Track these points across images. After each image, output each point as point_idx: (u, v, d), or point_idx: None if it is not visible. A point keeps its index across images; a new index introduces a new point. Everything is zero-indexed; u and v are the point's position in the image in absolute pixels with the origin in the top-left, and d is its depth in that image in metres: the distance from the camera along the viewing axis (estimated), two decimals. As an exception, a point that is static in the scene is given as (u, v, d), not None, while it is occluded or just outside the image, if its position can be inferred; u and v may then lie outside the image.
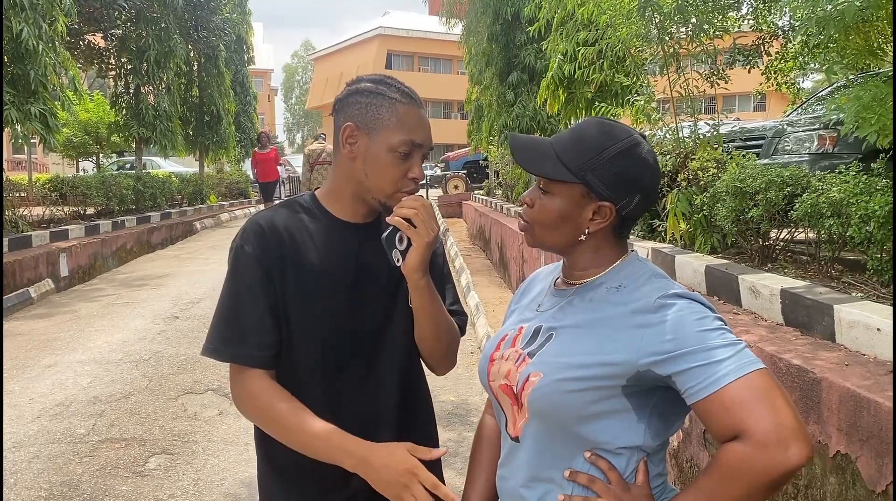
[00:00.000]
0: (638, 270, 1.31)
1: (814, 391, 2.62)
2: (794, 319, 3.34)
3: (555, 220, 1.30)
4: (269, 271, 1.43)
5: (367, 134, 1.45)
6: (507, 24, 13.47)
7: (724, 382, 1.10)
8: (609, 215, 1.28)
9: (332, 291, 1.46)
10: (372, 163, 1.45)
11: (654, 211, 6.17)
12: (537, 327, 1.35)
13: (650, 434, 1.24)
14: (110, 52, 15.28)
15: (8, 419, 4.68)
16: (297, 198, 1.56)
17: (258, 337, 1.42)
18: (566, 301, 1.34)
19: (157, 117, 14.82)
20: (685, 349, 1.14)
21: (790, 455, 1.06)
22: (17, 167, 27.42)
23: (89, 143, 19.71)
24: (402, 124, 1.44)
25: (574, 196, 1.28)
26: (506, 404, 1.35)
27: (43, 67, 9.23)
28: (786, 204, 4.16)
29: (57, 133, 10.04)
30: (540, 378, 1.24)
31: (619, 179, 1.27)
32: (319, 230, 1.49)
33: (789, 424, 1.07)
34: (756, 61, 7.92)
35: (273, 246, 1.44)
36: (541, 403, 1.25)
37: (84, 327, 7.25)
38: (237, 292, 1.44)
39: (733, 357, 1.12)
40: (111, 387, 5.27)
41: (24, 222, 10.02)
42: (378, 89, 1.46)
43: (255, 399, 1.42)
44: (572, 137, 1.31)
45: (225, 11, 18.11)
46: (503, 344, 1.40)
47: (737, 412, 1.09)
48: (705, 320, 1.17)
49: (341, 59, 51.45)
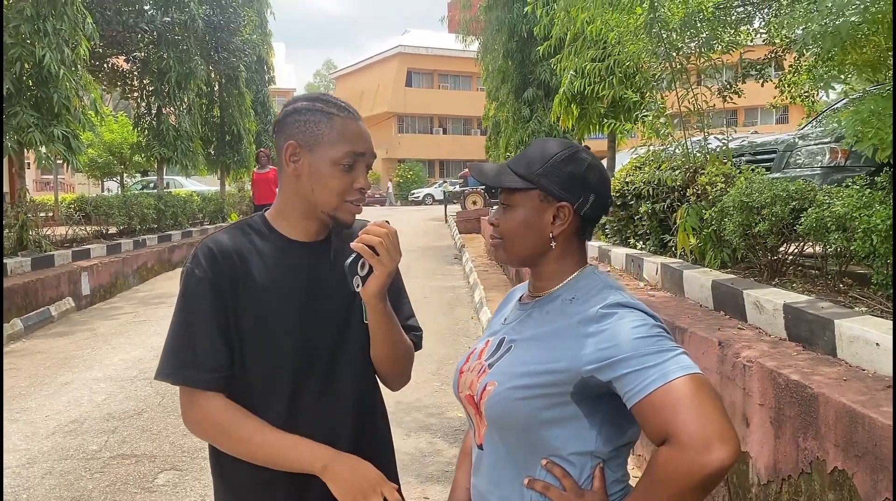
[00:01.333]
0: (591, 282, 1.37)
1: (811, 406, 2.60)
2: (796, 334, 3.32)
3: (520, 229, 1.37)
4: (220, 293, 1.45)
5: (308, 150, 1.47)
6: (522, 41, 13.57)
7: (655, 386, 1.14)
8: (568, 215, 1.35)
9: (286, 310, 1.48)
10: (317, 178, 1.47)
11: (665, 225, 6.16)
12: (500, 339, 1.42)
13: (601, 440, 1.28)
14: (133, 75, 15.59)
15: (23, 435, 4.77)
16: (248, 220, 1.58)
17: (211, 360, 1.43)
18: (526, 314, 1.42)
19: (178, 137, 15.07)
20: (622, 355, 1.18)
21: (713, 456, 1.08)
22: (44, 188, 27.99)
23: (113, 163, 20.09)
24: (342, 137, 1.47)
25: (533, 203, 1.36)
26: (472, 413, 1.42)
27: (65, 90, 9.46)
28: (792, 218, 4.14)
29: (80, 154, 10.27)
30: (495, 387, 1.32)
31: (570, 180, 1.35)
32: (270, 250, 1.51)
33: (713, 426, 1.10)
34: (769, 75, 7.89)
35: (224, 268, 1.46)
36: (495, 410, 1.31)
37: (101, 344, 7.36)
38: (189, 316, 1.46)
39: (666, 362, 1.16)
40: (125, 404, 5.35)
41: (48, 241, 10.22)
42: (315, 106, 1.49)
43: (215, 419, 1.44)
44: (522, 155, 1.41)
45: (245, 33, 18.39)
46: (472, 357, 1.47)
47: (665, 415, 1.13)
48: (642, 327, 1.21)
49: (362, 77, 51.96)
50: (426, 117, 50.08)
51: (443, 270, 12.56)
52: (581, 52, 7.68)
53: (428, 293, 10.05)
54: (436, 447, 4.50)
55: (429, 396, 5.46)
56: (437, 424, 4.86)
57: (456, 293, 10.12)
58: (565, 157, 1.36)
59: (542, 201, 1.36)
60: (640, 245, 6.72)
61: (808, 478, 2.63)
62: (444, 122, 50.53)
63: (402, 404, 5.21)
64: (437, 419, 4.96)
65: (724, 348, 3.37)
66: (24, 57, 9.06)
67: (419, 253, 14.83)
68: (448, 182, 38.45)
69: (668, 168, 6.03)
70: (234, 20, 17.55)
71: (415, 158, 47.95)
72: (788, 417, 2.76)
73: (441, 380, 5.85)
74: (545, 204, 1.36)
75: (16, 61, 8.99)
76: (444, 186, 37.28)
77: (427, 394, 5.50)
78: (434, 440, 4.59)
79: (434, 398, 5.41)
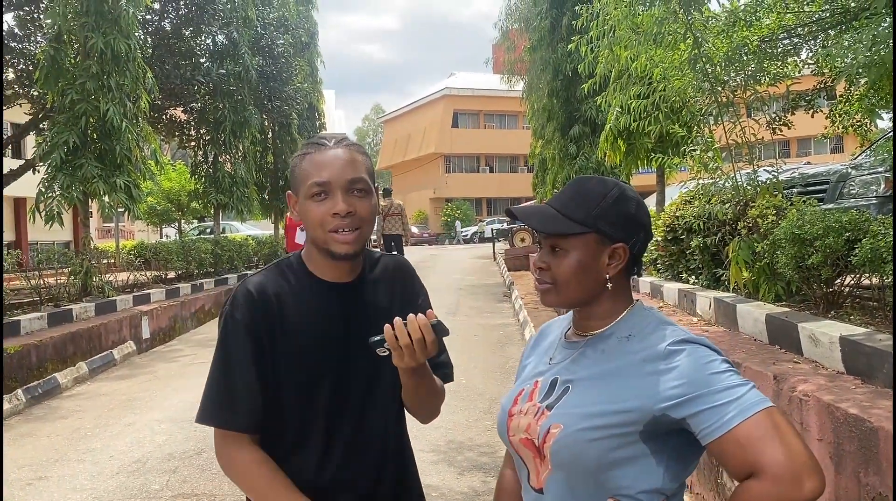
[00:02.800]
0: (645, 318, 1.38)
1: (871, 441, 2.55)
2: (854, 367, 3.26)
3: (577, 273, 1.36)
4: (257, 337, 1.49)
5: (297, 195, 1.54)
6: (566, 79, 13.68)
7: (736, 421, 1.16)
8: (624, 256, 1.37)
9: (321, 354, 1.52)
10: (304, 218, 1.53)
11: (717, 259, 6.10)
12: (553, 379, 1.41)
13: (669, 477, 1.29)
14: (190, 125, 16.21)
15: (90, 475, 4.92)
16: (285, 260, 1.62)
17: (248, 403, 1.47)
18: (578, 353, 1.40)
19: (233, 184, 15.55)
20: (697, 392, 1.20)
21: (805, 488, 1.11)
22: (106, 235, 29.00)
23: (172, 210, 20.79)
24: (307, 172, 1.51)
25: (589, 245, 1.36)
26: (527, 457, 1.40)
27: (127, 142, 9.90)
28: (846, 249, 4.08)
29: (140, 203, 10.69)
30: (561, 430, 1.30)
31: (625, 220, 1.37)
32: (305, 292, 1.55)
33: (801, 458, 1.13)
34: (818, 105, 7.80)
35: (262, 313, 1.49)
36: (563, 454, 1.30)
37: (162, 386, 7.57)
38: (227, 359, 1.49)
39: (742, 397, 1.18)
40: (185, 445, 5.48)
41: (111, 287, 10.59)
42: (300, 152, 1.57)
43: (240, 467, 1.48)
44: (570, 195, 1.41)
45: (297, 82, 18.97)
46: (520, 399, 1.45)
47: (750, 449, 1.15)
48: (713, 363, 1.23)
49: (410, 120, 52.84)
50: (472, 157, 50.53)
51: (492, 307, 12.56)
52: (626, 88, 7.73)
53: (478, 331, 10.06)
54: (489, 486, 4.49)
55: (480, 435, 5.46)
56: (489, 463, 4.85)
57: (506, 331, 10.11)
58: (617, 197, 1.37)
59: (598, 244, 1.36)
60: (692, 280, 6.65)
61: (871, 515, 2.57)
62: (491, 160, 50.87)
63: (454, 443, 5.22)
64: (490, 458, 4.94)
65: (780, 382, 3.32)
66: (89, 112, 9.55)
67: (468, 291, 14.86)
68: (496, 220, 38.52)
69: (718, 201, 5.99)
70: (286, 70, 18.14)
71: (462, 197, 48.28)
72: (848, 452, 2.70)
73: (492, 419, 5.83)
74: (602, 246, 1.36)
75: (81, 116, 9.48)
76: (480, 225, 37.59)
77: (479, 433, 5.49)
78: (487, 479, 4.58)
79: (486, 437, 5.40)
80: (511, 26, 22.58)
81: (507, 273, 17.38)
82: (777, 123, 7.10)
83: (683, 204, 6.95)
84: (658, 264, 7.71)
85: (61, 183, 9.58)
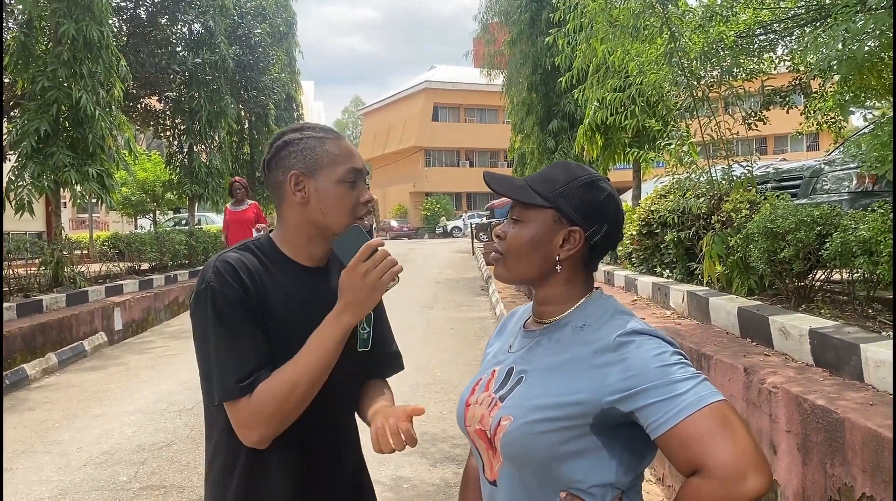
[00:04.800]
0: (601, 307, 1.34)
1: (837, 431, 2.57)
2: (823, 359, 3.28)
3: (527, 246, 1.34)
4: (249, 305, 1.44)
5: (311, 177, 1.50)
6: (546, 73, 13.69)
7: (683, 415, 1.12)
8: (578, 241, 1.33)
9: (295, 331, 1.48)
10: (325, 200, 1.50)
11: (691, 253, 6.14)
12: (509, 369, 1.38)
13: (622, 470, 1.25)
14: (165, 114, 16.01)
15: (56, 467, 4.84)
16: (254, 241, 1.57)
17: (267, 371, 1.42)
18: (534, 342, 1.38)
19: (209, 175, 15.37)
20: (645, 385, 1.16)
21: (749, 486, 1.07)
22: (80, 226, 28.62)
23: (146, 201, 20.52)
24: (340, 157, 1.52)
25: (546, 221, 1.33)
26: (482, 448, 1.37)
27: (100, 130, 9.74)
28: (818, 244, 4.10)
29: (113, 192, 10.52)
30: (510, 422, 1.27)
31: (586, 206, 1.33)
32: (280, 274, 1.52)
33: (747, 455, 1.09)
34: (793, 102, 7.86)
35: (247, 285, 1.45)
36: (513, 446, 1.27)
37: (133, 378, 7.47)
38: (231, 330, 1.42)
39: (691, 390, 1.14)
40: (155, 436, 5.41)
41: (83, 277, 10.43)
42: (304, 135, 1.54)
43: (267, 398, 1.40)
44: (542, 174, 1.39)
45: (274, 72, 18.81)
46: (478, 388, 1.42)
47: (695, 445, 1.11)
48: (663, 355, 1.19)
49: (390, 113, 52.65)
50: (453, 151, 50.45)
51: (469, 301, 12.56)
52: (603, 82, 7.74)
53: (454, 325, 10.05)
54: (461, 477, 4.48)
55: (453, 426, 5.44)
56: (462, 455, 4.84)
57: (482, 324, 10.11)
58: (586, 182, 1.34)
59: (555, 222, 1.33)
60: (666, 274, 6.68)
61: (837, 506, 2.58)
62: (471, 155, 50.85)
63: (427, 435, 5.21)
64: (463, 449, 4.93)
65: (750, 374, 3.34)
66: (60, 99, 9.37)
67: (445, 285, 14.85)
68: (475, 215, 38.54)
69: (692, 196, 6.02)
70: (264, 59, 17.99)
71: (442, 191, 48.22)
72: (815, 443, 2.72)
73: (467, 411, 5.83)
74: (557, 225, 1.33)
75: (53, 103, 9.30)
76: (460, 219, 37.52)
77: (452, 425, 5.48)
78: (459, 470, 4.57)
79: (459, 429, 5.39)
80: (491, 19, 22.52)
81: (485, 268, 17.38)
82: (752, 118, 7.14)
83: (658, 198, 6.98)
84: (633, 258, 7.74)
85: (32, 171, 9.40)
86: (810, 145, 35.95)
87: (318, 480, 1.55)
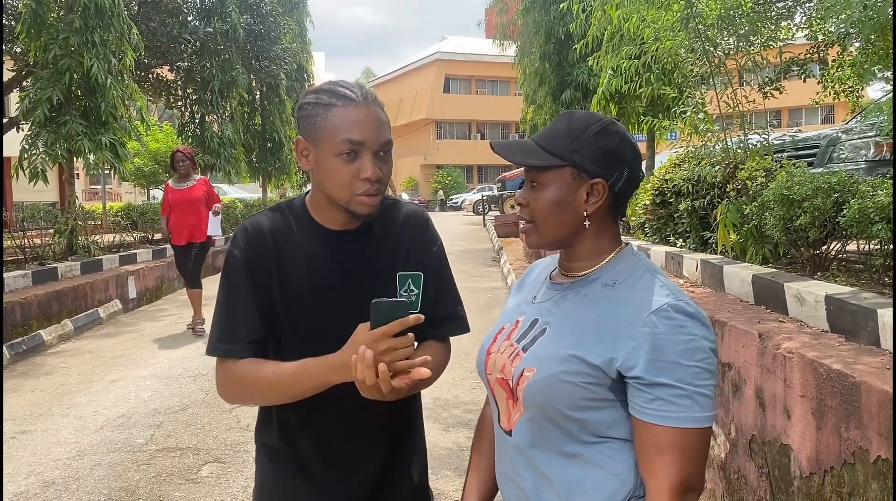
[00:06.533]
0: (632, 264, 1.32)
1: (853, 395, 2.56)
2: (839, 325, 3.26)
3: (553, 209, 1.30)
4: (255, 274, 1.48)
5: (313, 145, 1.46)
6: (559, 43, 13.52)
7: (670, 423, 1.18)
8: (603, 192, 1.29)
9: (316, 296, 1.48)
10: (323, 171, 1.46)
11: (705, 223, 6.09)
12: (533, 320, 1.36)
13: None
14: (177, 84, 15.94)
15: (73, 429, 4.92)
16: (289, 202, 1.58)
17: (247, 334, 1.47)
18: (560, 295, 1.36)
19: (221, 145, 15.34)
20: (662, 379, 1.18)
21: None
22: (93, 198, 28.75)
23: (159, 171, 20.55)
24: (339, 128, 1.42)
25: (566, 180, 1.29)
26: (501, 397, 1.37)
27: (112, 99, 9.73)
28: (834, 211, 4.06)
29: (126, 162, 10.53)
30: (534, 373, 1.27)
31: (603, 155, 1.29)
32: (304, 237, 1.52)
33: (696, 478, 1.20)
34: (811, 71, 7.75)
35: (259, 252, 1.48)
36: (536, 397, 1.27)
37: (147, 344, 7.55)
38: (229, 293, 1.50)
39: (690, 405, 1.18)
40: (170, 400, 5.48)
41: (97, 246, 10.50)
42: (318, 98, 1.46)
43: (239, 377, 1.46)
44: (551, 130, 1.34)
45: (285, 41, 18.66)
46: (500, 337, 1.42)
47: (666, 453, 1.19)
48: (695, 353, 1.19)
49: (401, 84, 52.31)
50: (464, 123, 50.17)
51: (480, 272, 12.57)
52: (618, 49, 7.64)
53: (466, 295, 9.98)
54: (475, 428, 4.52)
55: (466, 393, 5.48)
56: (474, 420, 4.84)
57: (494, 294, 10.13)
58: (598, 130, 1.29)
59: (574, 179, 1.28)
60: (680, 243, 6.64)
61: (851, 469, 2.58)
62: (482, 127, 50.54)
63: (441, 400, 5.25)
64: (475, 415, 4.96)
65: (765, 340, 3.33)
66: (72, 67, 9.36)
67: (457, 256, 14.86)
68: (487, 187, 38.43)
69: (707, 164, 5.96)
70: (275, 29, 17.83)
71: (453, 164, 48.04)
72: (830, 407, 2.71)
73: (478, 379, 5.87)
74: (578, 181, 1.29)
75: (65, 72, 9.29)
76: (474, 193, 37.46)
77: (465, 392, 5.52)
78: (471, 435, 4.60)
79: (472, 395, 5.43)
80: (504, -12, 22.28)
81: (496, 239, 17.37)
82: (769, 87, 7.04)
83: (673, 167, 6.91)
84: (646, 228, 7.70)
85: (45, 140, 9.42)
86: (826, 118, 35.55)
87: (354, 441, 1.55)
